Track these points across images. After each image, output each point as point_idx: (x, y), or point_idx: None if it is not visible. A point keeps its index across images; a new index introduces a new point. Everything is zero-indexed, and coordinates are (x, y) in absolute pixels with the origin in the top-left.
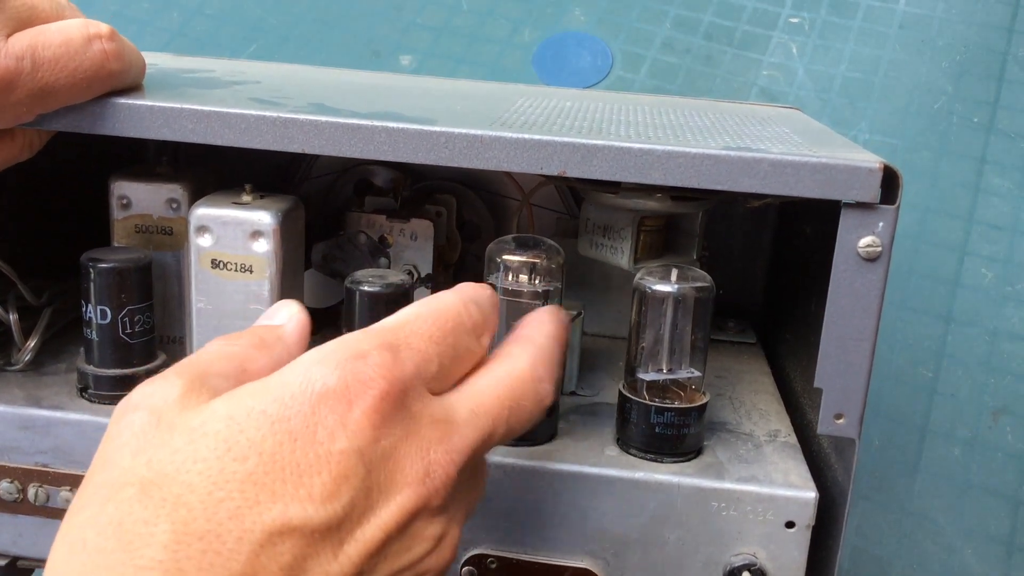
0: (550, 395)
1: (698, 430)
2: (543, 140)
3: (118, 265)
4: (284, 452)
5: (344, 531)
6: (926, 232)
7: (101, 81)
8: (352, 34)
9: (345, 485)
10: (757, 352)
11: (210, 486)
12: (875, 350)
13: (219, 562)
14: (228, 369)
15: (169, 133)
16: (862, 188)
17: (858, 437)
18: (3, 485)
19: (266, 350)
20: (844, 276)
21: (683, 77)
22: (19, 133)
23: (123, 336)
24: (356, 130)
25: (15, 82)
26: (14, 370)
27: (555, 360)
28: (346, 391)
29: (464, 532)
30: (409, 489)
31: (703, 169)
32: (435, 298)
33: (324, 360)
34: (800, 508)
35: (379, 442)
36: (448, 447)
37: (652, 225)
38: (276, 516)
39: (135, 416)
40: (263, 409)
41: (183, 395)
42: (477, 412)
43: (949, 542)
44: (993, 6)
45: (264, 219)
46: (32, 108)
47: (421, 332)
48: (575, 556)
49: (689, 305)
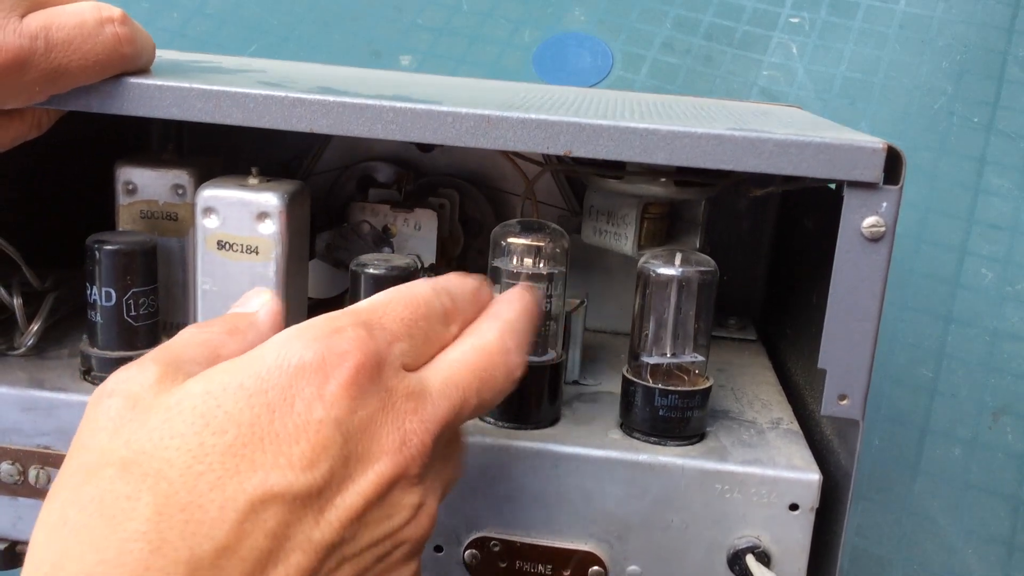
0: (519, 367)
1: (702, 414)
2: (549, 120)
3: (124, 247)
4: (263, 423)
5: (325, 499)
6: (926, 232)
7: (113, 64)
8: (352, 34)
9: (324, 454)
10: (758, 348)
11: (190, 460)
12: (878, 332)
13: (202, 531)
14: (201, 355)
15: (178, 112)
16: (866, 168)
17: (861, 419)
18: (4, 467)
19: (239, 336)
20: (848, 256)
21: (683, 77)
22: (28, 112)
23: (127, 319)
24: (364, 109)
25: (28, 62)
26: (17, 354)
27: (525, 333)
28: (322, 364)
29: (467, 514)
30: (387, 458)
31: (708, 149)
32: (408, 285)
33: (300, 335)
34: (804, 490)
35: (356, 413)
36: (422, 417)
37: (655, 212)
38: (257, 484)
39: (111, 401)
40: (240, 383)
41: (159, 379)
42: (448, 384)
43: (949, 542)
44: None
45: (271, 200)
46: (44, 88)
47: (394, 314)
48: (578, 539)
49: (693, 288)
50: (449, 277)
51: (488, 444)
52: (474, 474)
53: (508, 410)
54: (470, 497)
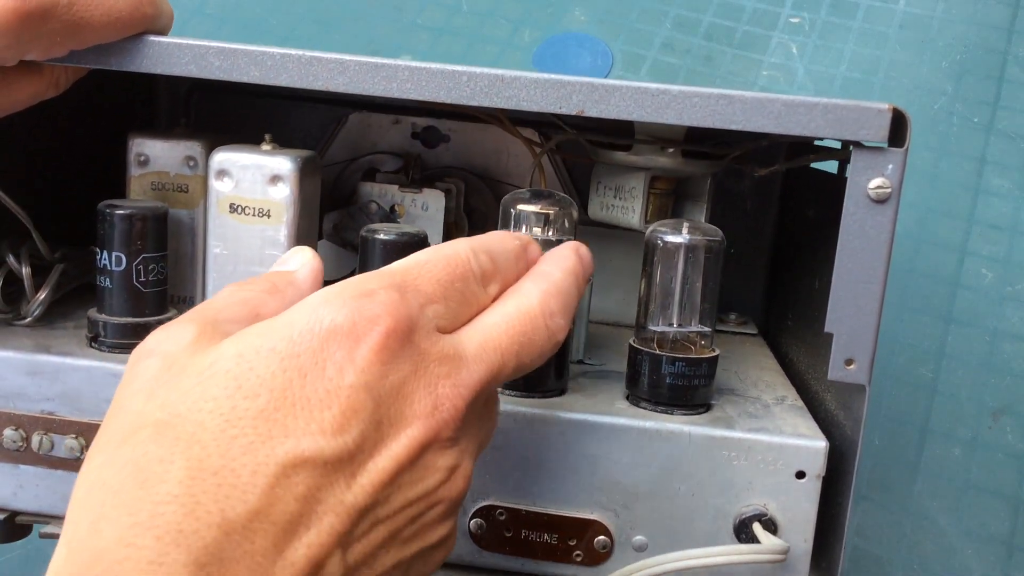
0: (562, 329)
1: (708, 384)
2: (562, 79)
3: (136, 212)
4: (294, 388)
5: (356, 463)
6: (926, 232)
7: (134, 22)
8: (352, 34)
9: (355, 418)
10: (760, 342)
11: (223, 423)
12: (885, 294)
13: (235, 495)
14: (241, 314)
15: (196, 70)
16: (872, 128)
17: (868, 383)
18: (7, 433)
19: (278, 295)
20: (854, 218)
21: (683, 77)
22: (47, 69)
23: (137, 284)
24: (379, 68)
25: (52, 12)
26: (23, 324)
27: (571, 295)
28: (353, 328)
29: (473, 483)
30: (419, 422)
31: (718, 108)
32: (446, 245)
33: (331, 299)
34: (811, 457)
35: (387, 377)
36: (456, 381)
37: (662, 188)
38: (289, 449)
39: (149, 362)
40: (272, 347)
41: (195, 339)
42: (485, 347)
43: (949, 542)
44: (993, 6)
45: (284, 164)
46: (65, 42)
47: (429, 275)
48: (584, 508)
49: (700, 257)
50: (491, 236)
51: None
52: None
53: (514, 381)
54: (476, 465)
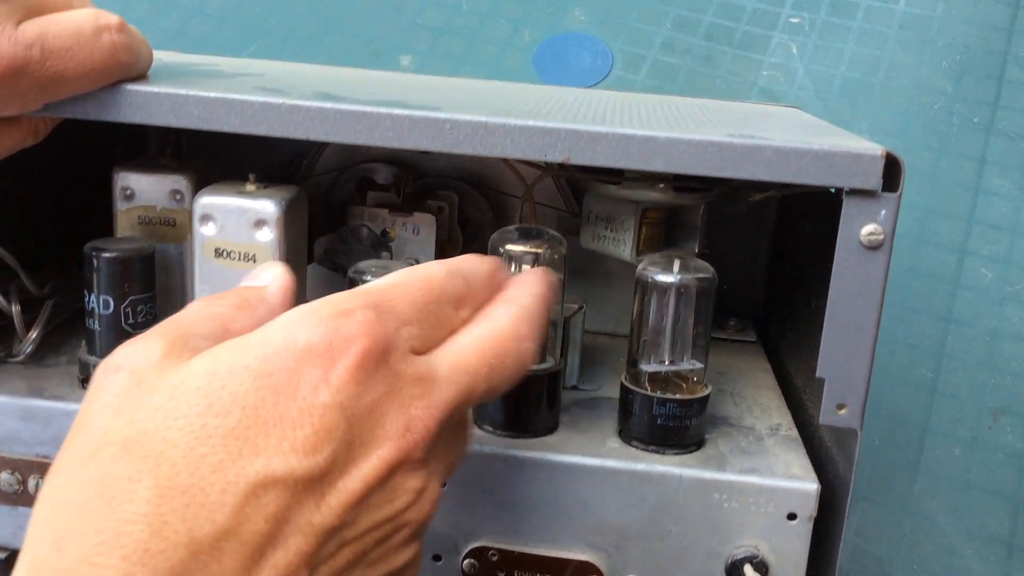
0: (532, 354)
1: (700, 422)
2: (547, 127)
3: (121, 254)
4: (267, 406)
5: (326, 483)
6: (926, 232)
7: (110, 72)
8: (352, 34)
9: (327, 438)
10: (757, 350)
11: (192, 441)
12: (877, 340)
13: (203, 514)
14: (210, 329)
15: (175, 119)
16: (864, 175)
17: (860, 428)
18: (3, 476)
19: (249, 310)
20: (846, 265)
21: (683, 77)
22: (25, 119)
23: (125, 326)
24: (361, 117)
25: (24, 70)
26: (15, 361)
27: (539, 320)
28: (329, 347)
29: (465, 524)
30: (390, 443)
31: (706, 156)
32: (421, 267)
33: (307, 317)
34: (802, 500)
35: (361, 398)
36: (428, 403)
37: (654, 217)
38: (259, 468)
39: (116, 377)
40: (245, 364)
41: (164, 355)
42: (457, 369)
43: (949, 542)
44: (993, 6)
45: (268, 207)
46: (40, 96)
47: (405, 297)
48: (576, 548)
49: (691, 295)
50: (464, 259)
51: (486, 453)
52: (472, 483)
53: (506, 419)
54: (468, 506)
